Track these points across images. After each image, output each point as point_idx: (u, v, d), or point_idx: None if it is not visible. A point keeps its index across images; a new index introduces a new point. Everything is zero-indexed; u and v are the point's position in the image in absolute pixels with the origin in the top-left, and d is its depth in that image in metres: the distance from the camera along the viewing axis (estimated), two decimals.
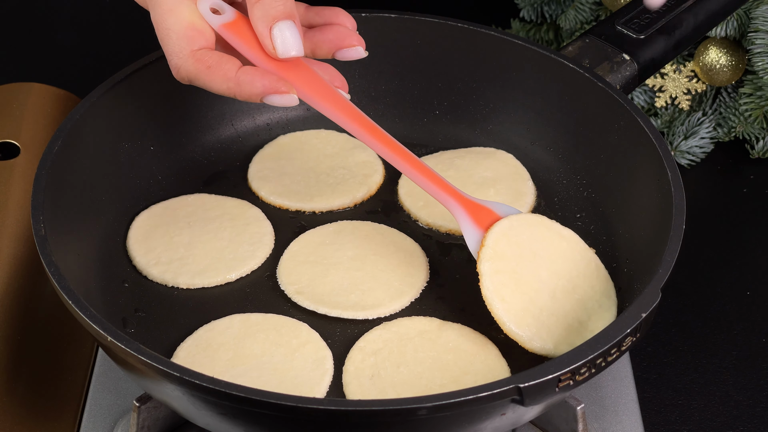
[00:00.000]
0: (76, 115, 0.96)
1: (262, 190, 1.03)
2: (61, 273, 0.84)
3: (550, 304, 0.89)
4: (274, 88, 0.86)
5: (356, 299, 0.93)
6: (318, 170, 1.05)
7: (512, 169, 1.04)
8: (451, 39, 1.07)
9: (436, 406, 0.75)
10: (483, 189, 1.01)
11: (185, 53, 0.86)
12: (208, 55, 0.87)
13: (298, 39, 0.87)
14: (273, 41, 0.87)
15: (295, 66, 0.89)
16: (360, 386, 0.87)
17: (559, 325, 0.88)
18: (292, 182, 1.03)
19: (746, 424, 0.97)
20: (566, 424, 0.88)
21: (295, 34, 0.87)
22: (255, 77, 0.86)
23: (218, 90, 0.87)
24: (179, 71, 0.87)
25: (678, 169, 0.92)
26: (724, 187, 1.18)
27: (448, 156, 1.06)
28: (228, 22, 0.88)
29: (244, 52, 0.88)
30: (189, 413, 0.82)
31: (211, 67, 0.86)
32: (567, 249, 0.92)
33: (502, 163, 1.04)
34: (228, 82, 0.86)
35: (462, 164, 1.04)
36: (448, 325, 0.92)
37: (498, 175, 1.03)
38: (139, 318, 0.93)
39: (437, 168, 1.02)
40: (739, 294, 1.07)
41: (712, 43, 1.18)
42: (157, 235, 0.98)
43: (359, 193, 1.03)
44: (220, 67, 0.86)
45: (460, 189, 0.93)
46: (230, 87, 0.86)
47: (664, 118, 1.20)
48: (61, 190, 0.92)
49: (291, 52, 0.87)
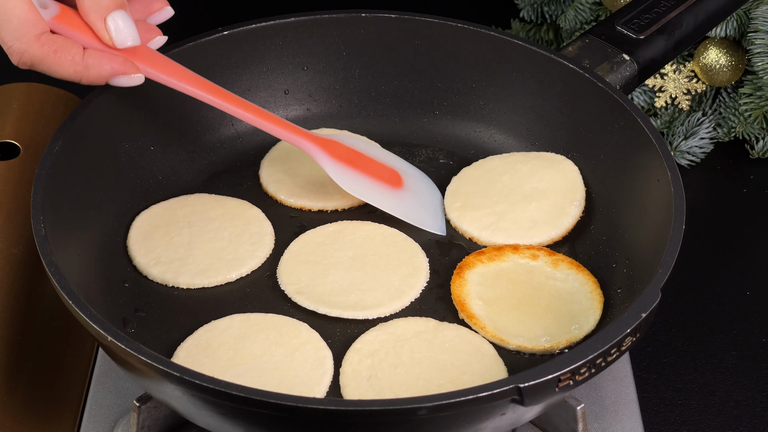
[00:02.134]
0: (76, 115, 0.96)
1: (281, 193, 1.03)
2: (61, 273, 0.84)
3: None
4: (122, 70, 0.89)
5: (356, 299, 0.93)
6: None
7: (568, 184, 1.02)
8: (451, 39, 1.07)
9: (436, 406, 0.75)
10: (526, 202, 1.00)
11: (29, 37, 0.87)
12: (52, 39, 0.88)
13: (133, 27, 0.90)
14: (108, 32, 0.89)
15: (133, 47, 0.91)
16: (357, 388, 0.87)
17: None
18: (308, 183, 1.03)
19: (746, 424, 0.97)
20: (566, 424, 0.88)
21: (128, 23, 0.89)
22: (102, 60, 0.89)
23: (64, 74, 0.88)
24: (22, 56, 0.87)
25: (678, 169, 0.92)
26: (724, 187, 1.18)
27: (514, 159, 1.04)
28: (56, 15, 0.89)
29: (81, 41, 0.90)
30: (189, 413, 0.82)
31: (57, 51, 0.87)
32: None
33: (561, 176, 1.02)
34: (75, 66, 0.88)
35: (521, 170, 1.03)
36: (445, 326, 0.91)
37: (549, 189, 1.01)
38: (139, 318, 0.93)
39: (496, 170, 1.03)
40: (739, 294, 1.07)
41: (712, 44, 1.18)
42: (158, 235, 0.98)
43: None
44: (67, 51, 0.88)
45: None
46: (77, 71, 0.88)
47: (664, 118, 1.20)
48: (62, 190, 0.92)
49: (127, 41, 0.90)
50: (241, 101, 0.96)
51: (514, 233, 0.98)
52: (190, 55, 1.04)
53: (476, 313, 0.92)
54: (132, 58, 0.91)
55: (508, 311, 0.92)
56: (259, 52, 1.08)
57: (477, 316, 0.91)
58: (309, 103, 1.09)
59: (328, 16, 1.08)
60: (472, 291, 0.93)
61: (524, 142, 1.06)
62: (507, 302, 0.92)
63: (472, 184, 1.02)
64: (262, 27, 1.06)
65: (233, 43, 1.06)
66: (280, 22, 1.07)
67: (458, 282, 0.94)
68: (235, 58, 1.07)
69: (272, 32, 1.07)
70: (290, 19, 1.07)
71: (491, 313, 0.92)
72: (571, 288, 0.93)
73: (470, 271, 0.95)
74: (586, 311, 0.91)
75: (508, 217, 0.99)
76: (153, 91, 1.02)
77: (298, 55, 1.08)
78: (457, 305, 0.93)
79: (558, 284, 0.93)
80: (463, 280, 0.94)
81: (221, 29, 1.06)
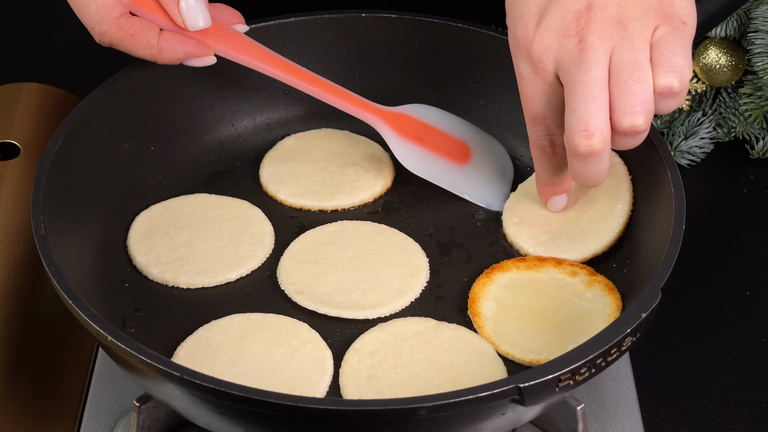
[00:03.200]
0: (76, 115, 0.96)
1: (281, 193, 1.03)
2: (61, 273, 0.84)
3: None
4: (194, 53, 0.95)
5: (356, 299, 0.93)
6: (330, 169, 1.05)
7: (613, 181, 0.98)
8: (451, 39, 1.07)
9: (436, 405, 0.75)
10: (579, 214, 0.98)
11: (108, 20, 0.92)
12: (129, 22, 0.93)
13: (205, 10, 0.94)
14: (181, 15, 0.93)
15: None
16: (357, 388, 0.87)
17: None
18: (309, 183, 1.04)
19: (746, 424, 0.97)
20: (566, 424, 0.88)
21: (201, 5, 0.94)
22: (176, 44, 0.94)
23: (140, 55, 0.94)
24: (102, 37, 0.93)
25: (678, 169, 0.92)
26: (724, 187, 1.18)
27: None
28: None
29: (158, 23, 0.94)
30: (189, 413, 0.82)
31: (134, 35, 0.93)
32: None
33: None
34: (150, 48, 0.94)
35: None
36: (444, 326, 0.91)
37: (597, 193, 0.98)
38: (139, 318, 0.93)
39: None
40: (739, 294, 1.07)
41: (712, 44, 1.18)
42: (158, 235, 0.98)
43: (377, 187, 1.03)
44: (143, 35, 0.93)
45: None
46: (152, 53, 0.94)
47: (664, 118, 1.20)
48: (62, 190, 0.92)
49: (199, 23, 0.94)
50: (310, 75, 0.99)
51: (566, 248, 0.96)
52: None
53: (483, 313, 0.91)
54: (204, 38, 0.95)
55: (516, 319, 0.91)
56: None
57: (481, 316, 0.91)
58: (309, 103, 1.09)
59: (328, 16, 1.08)
60: (492, 291, 0.93)
61: (524, 142, 1.06)
62: (519, 310, 0.92)
63: (531, 200, 1.00)
64: (262, 27, 1.06)
65: None
66: (280, 22, 1.07)
67: (483, 281, 0.94)
68: None
69: (272, 32, 1.07)
70: (290, 19, 1.07)
71: (498, 316, 0.91)
72: (592, 309, 0.91)
73: (501, 274, 0.94)
74: (594, 333, 0.90)
75: (563, 233, 0.98)
76: (153, 91, 1.02)
77: (299, 55, 1.08)
78: (469, 300, 0.93)
79: (583, 304, 0.92)
80: (488, 280, 0.94)
81: None
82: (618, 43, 0.84)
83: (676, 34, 0.84)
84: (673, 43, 0.84)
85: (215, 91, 1.07)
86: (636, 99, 0.83)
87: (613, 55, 0.84)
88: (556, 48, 0.86)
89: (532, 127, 0.91)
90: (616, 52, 0.84)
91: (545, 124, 0.90)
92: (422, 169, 1.01)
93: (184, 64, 0.96)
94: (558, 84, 0.87)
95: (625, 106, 0.83)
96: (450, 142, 1.03)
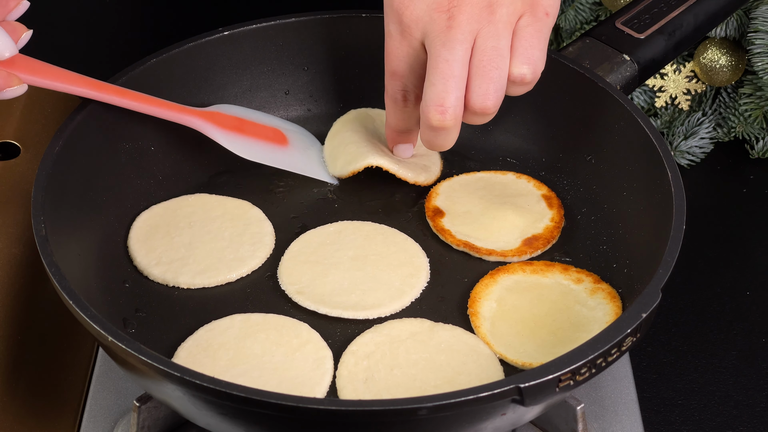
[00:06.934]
0: (77, 115, 0.96)
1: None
2: (61, 273, 0.84)
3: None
4: (5, 84, 0.90)
5: (357, 299, 0.93)
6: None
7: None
8: None
9: (436, 406, 0.75)
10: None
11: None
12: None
13: (8, 39, 0.90)
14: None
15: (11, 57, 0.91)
16: (354, 390, 0.87)
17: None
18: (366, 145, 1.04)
19: (746, 424, 0.97)
20: (566, 424, 0.88)
21: (3, 36, 0.90)
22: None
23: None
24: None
25: (678, 169, 0.92)
26: (724, 187, 1.18)
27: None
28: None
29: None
30: (189, 413, 0.82)
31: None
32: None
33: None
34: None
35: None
36: (440, 327, 0.91)
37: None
38: (139, 318, 0.93)
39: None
40: (739, 294, 1.07)
41: (712, 44, 1.18)
42: (158, 235, 0.98)
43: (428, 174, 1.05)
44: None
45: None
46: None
47: (664, 118, 1.20)
48: (62, 190, 0.92)
49: (5, 53, 0.90)
50: (125, 91, 0.98)
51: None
52: (191, 55, 1.05)
53: (481, 313, 0.91)
54: (11, 69, 0.91)
55: (514, 321, 0.91)
56: (259, 52, 1.08)
57: (480, 315, 0.91)
58: (310, 104, 1.09)
59: (328, 16, 1.08)
60: (494, 292, 0.93)
61: (524, 142, 1.06)
62: (519, 313, 0.92)
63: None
64: (263, 27, 1.06)
65: (234, 43, 1.07)
66: (280, 22, 1.07)
67: (486, 281, 0.94)
68: (236, 59, 1.07)
69: (273, 32, 1.07)
70: (291, 19, 1.07)
71: (496, 317, 0.91)
72: (592, 317, 0.91)
73: (506, 276, 0.94)
74: None
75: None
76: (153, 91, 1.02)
77: (299, 55, 1.08)
78: (470, 299, 0.93)
79: (584, 311, 0.92)
80: (492, 280, 0.94)
81: (222, 29, 1.06)
82: (484, 27, 0.89)
83: (537, 26, 0.90)
84: (533, 36, 0.90)
85: (216, 91, 1.07)
86: (491, 85, 0.89)
87: (477, 38, 0.89)
88: (426, 20, 0.90)
89: (389, 81, 0.96)
90: (481, 35, 0.89)
91: (402, 81, 0.95)
92: (255, 154, 1.02)
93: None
94: (422, 50, 0.92)
95: (480, 88, 0.89)
96: (265, 129, 1.05)
